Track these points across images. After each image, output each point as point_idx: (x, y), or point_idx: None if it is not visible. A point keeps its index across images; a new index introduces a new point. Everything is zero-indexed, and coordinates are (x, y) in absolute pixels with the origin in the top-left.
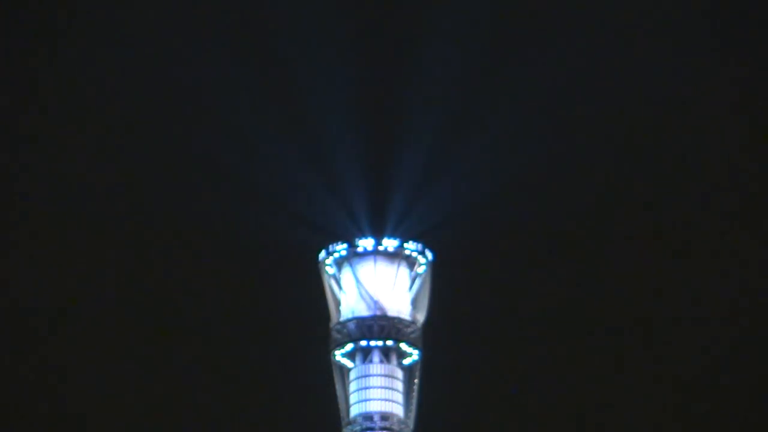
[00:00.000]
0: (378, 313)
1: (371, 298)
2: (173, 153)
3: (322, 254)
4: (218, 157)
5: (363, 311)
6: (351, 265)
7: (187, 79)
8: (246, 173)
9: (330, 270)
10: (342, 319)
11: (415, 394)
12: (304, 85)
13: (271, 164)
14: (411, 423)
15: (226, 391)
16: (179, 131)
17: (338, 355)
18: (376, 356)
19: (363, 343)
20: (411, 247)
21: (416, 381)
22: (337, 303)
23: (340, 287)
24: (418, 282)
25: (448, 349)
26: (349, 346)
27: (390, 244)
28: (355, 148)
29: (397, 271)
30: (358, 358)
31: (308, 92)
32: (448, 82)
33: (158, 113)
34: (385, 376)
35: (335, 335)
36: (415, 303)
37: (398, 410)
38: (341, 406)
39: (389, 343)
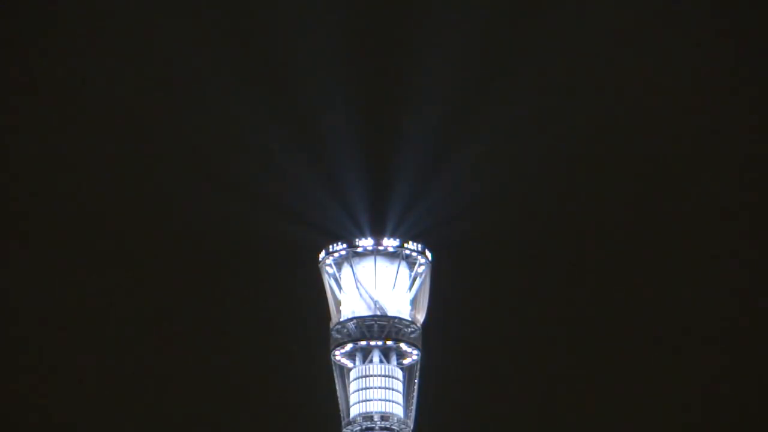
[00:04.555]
0: (378, 313)
1: (371, 298)
2: (173, 154)
3: (322, 254)
4: (218, 158)
5: (363, 311)
6: (351, 265)
7: (188, 81)
8: (246, 174)
9: (330, 270)
10: (342, 319)
11: (414, 394)
12: (304, 86)
13: (271, 165)
14: (411, 423)
15: (226, 391)
16: (179, 132)
17: (338, 355)
18: (376, 356)
19: (363, 343)
20: (411, 247)
21: (416, 381)
22: (338, 303)
23: (340, 287)
24: (418, 282)
25: (448, 349)
26: (349, 346)
27: (390, 244)
28: (355, 148)
29: (397, 271)
30: (358, 358)
31: (308, 93)
32: (449, 82)
33: (159, 115)
34: (385, 376)
35: (335, 335)
36: (414, 303)
37: (398, 410)
38: (341, 406)
39: (389, 343)
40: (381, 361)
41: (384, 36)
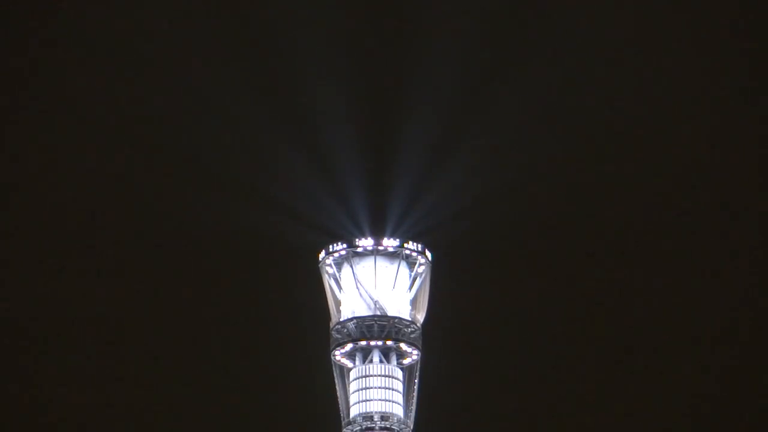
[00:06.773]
0: (378, 313)
1: (371, 298)
2: (173, 154)
3: (322, 254)
4: (218, 158)
5: (363, 311)
6: (351, 265)
7: (189, 81)
8: (246, 174)
9: (330, 270)
10: (342, 319)
11: (414, 394)
12: (304, 87)
13: (271, 165)
14: (411, 423)
15: (226, 391)
16: (180, 133)
17: (338, 355)
18: (376, 356)
19: (363, 343)
20: (411, 247)
21: (416, 381)
22: (338, 303)
23: (340, 287)
24: (418, 282)
25: (448, 349)
26: (349, 346)
27: (390, 244)
28: (355, 148)
29: (397, 271)
30: (358, 358)
31: (308, 94)
32: (448, 83)
33: (160, 116)
34: (385, 376)
35: (335, 335)
36: (414, 303)
37: (398, 410)
38: (341, 406)
39: (389, 343)
40: (381, 361)
41: (384, 36)
